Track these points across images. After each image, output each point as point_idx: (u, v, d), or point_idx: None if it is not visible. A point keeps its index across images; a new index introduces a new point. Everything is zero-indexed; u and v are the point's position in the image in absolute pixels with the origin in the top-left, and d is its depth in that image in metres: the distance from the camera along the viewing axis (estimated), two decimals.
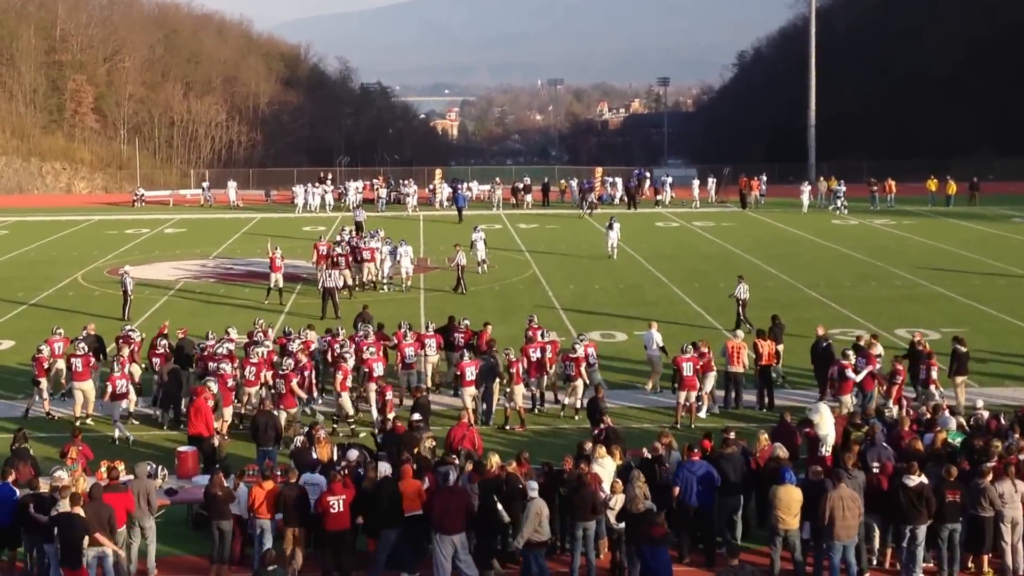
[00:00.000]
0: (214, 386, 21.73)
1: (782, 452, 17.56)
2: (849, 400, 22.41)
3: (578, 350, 24.22)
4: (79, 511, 15.25)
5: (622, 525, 16.10)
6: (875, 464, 17.13)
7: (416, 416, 20.06)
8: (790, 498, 16.05)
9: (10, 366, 28.40)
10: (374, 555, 16.41)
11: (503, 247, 47.24)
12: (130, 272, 34.61)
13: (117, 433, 22.33)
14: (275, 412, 21.10)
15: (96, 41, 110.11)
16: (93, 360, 24.35)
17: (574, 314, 33.54)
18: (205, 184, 71.62)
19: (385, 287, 37.74)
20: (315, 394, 24.11)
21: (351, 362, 23.62)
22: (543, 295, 36.95)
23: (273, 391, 22.56)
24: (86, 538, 15.17)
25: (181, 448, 19.99)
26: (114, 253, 46.96)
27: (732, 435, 18.06)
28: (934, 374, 23.01)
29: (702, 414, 23.55)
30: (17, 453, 18.16)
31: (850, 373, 22.57)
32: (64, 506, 15.35)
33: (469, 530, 16.00)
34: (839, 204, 60.06)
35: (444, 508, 15.86)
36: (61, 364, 24.84)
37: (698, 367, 23.34)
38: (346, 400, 22.88)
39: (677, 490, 16.82)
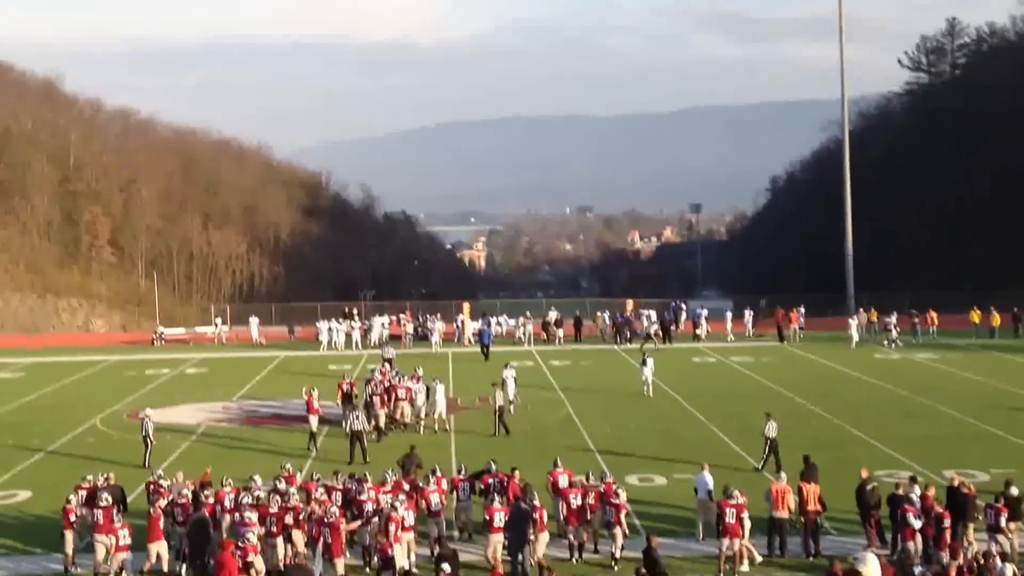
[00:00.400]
0: (253, 536, 22.07)
1: None
2: (912, 547, 22.45)
3: (621, 496, 24.44)
4: None
5: None
6: None
7: (446, 567, 20.28)
8: None
9: (28, 519, 28.58)
10: None
11: (535, 384, 47.63)
12: (151, 416, 35.10)
13: None
14: (309, 566, 21.32)
15: (111, 170, 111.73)
16: (115, 512, 24.69)
17: (610, 456, 33.74)
18: (217, 320, 72.73)
19: (421, 428, 38.07)
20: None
21: (400, 511, 23.63)
22: (577, 436, 37.19)
23: (320, 542, 22.78)
24: None
25: None
26: (134, 396, 47.59)
27: None
28: (1003, 520, 23.03)
29: (744, 567, 23.55)
30: None
31: (912, 519, 22.70)
32: None
33: None
34: (891, 338, 60.29)
35: None
36: (86, 513, 25.18)
37: (741, 514, 23.48)
38: (399, 553, 22.77)
39: None
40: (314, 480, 26.08)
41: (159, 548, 23.50)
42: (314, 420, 35.76)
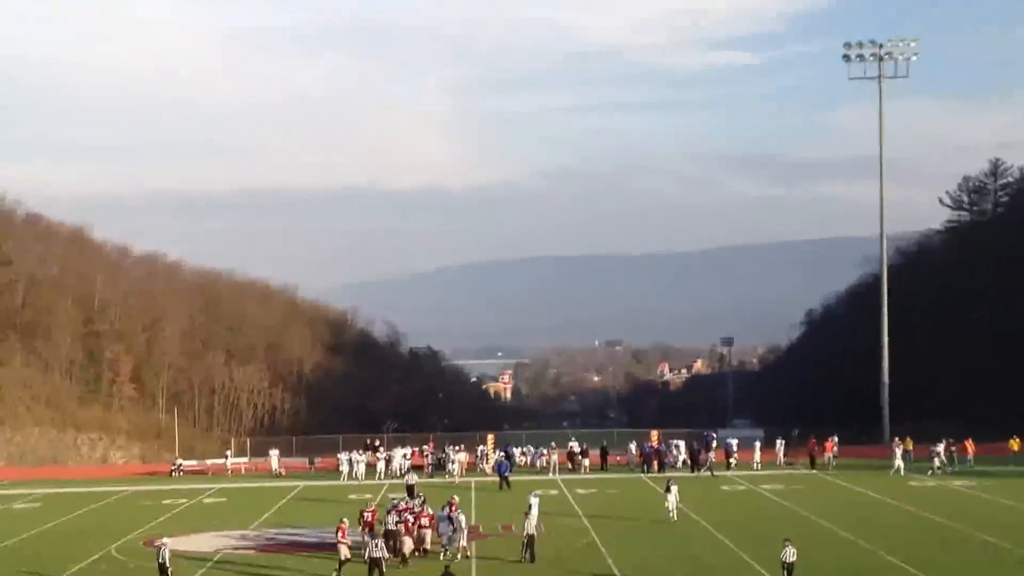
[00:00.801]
0: None
1: None
2: None
3: None
4: None
5: None
6: None
7: None
8: None
9: None
10: None
11: (560, 512, 47.32)
12: (168, 543, 35.15)
13: None
14: None
15: (135, 311, 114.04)
16: None
17: None
18: (228, 453, 73.01)
19: (444, 554, 37.85)
20: None
21: None
22: (602, 563, 36.80)
23: None
24: None
25: None
26: (150, 524, 47.53)
27: None
28: None
29: None
30: None
31: None
32: None
33: None
34: (935, 465, 59.74)
35: None
36: None
37: None
38: None
39: None
40: None
41: None
42: (344, 549, 35.68)
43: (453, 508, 39.93)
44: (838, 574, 31.96)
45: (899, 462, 59.99)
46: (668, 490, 45.56)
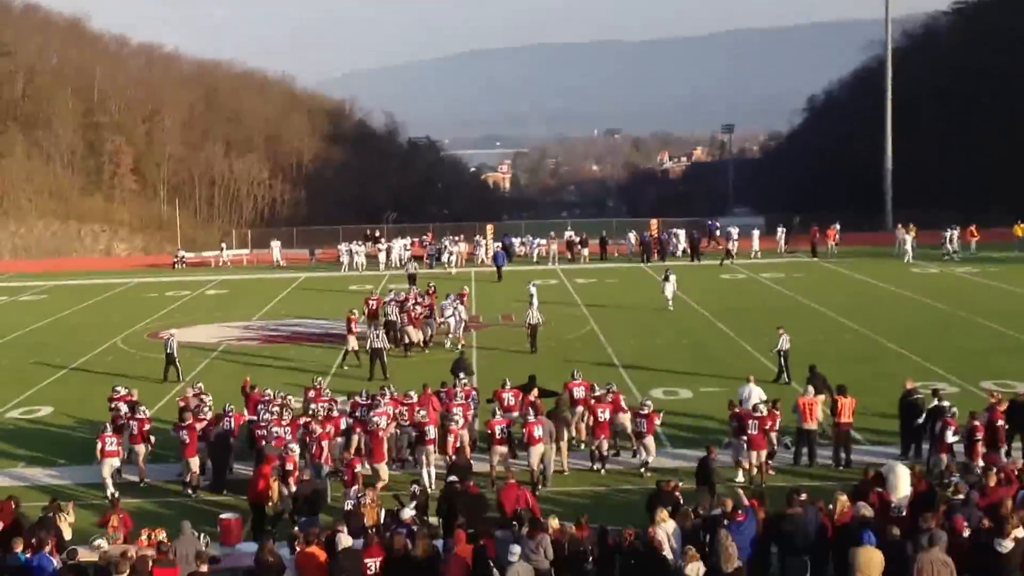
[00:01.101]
0: (296, 448, 22.08)
1: (867, 511, 17.44)
2: (944, 460, 22.15)
3: (648, 407, 24.26)
4: None
5: None
6: (966, 525, 16.95)
7: (451, 478, 20.41)
8: (870, 560, 15.89)
9: (51, 432, 28.86)
10: None
11: (560, 302, 47.36)
12: (176, 335, 35.38)
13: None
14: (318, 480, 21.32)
15: (134, 102, 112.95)
16: (148, 425, 24.73)
17: (635, 371, 33.48)
18: (223, 245, 72.95)
19: (447, 343, 37.92)
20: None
21: (459, 420, 23.92)
22: (601, 352, 36.92)
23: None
24: None
25: (224, 515, 20.15)
26: (154, 316, 47.67)
27: (803, 496, 17.96)
28: None
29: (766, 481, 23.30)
30: (43, 522, 18.49)
31: (950, 435, 22.40)
32: None
33: None
34: (949, 251, 59.60)
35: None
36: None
37: (765, 426, 23.22)
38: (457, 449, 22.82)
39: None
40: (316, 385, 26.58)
41: (195, 463, 23.65)
42: (352, 340, 35.72)
43: (463, 299, 39.93)
44: (837, 361, 31.93)
45: (909, 248, 59.57)
46: (666, 279, 45.44)
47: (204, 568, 16.22)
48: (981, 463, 21.35)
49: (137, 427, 24.33)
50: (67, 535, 19.01)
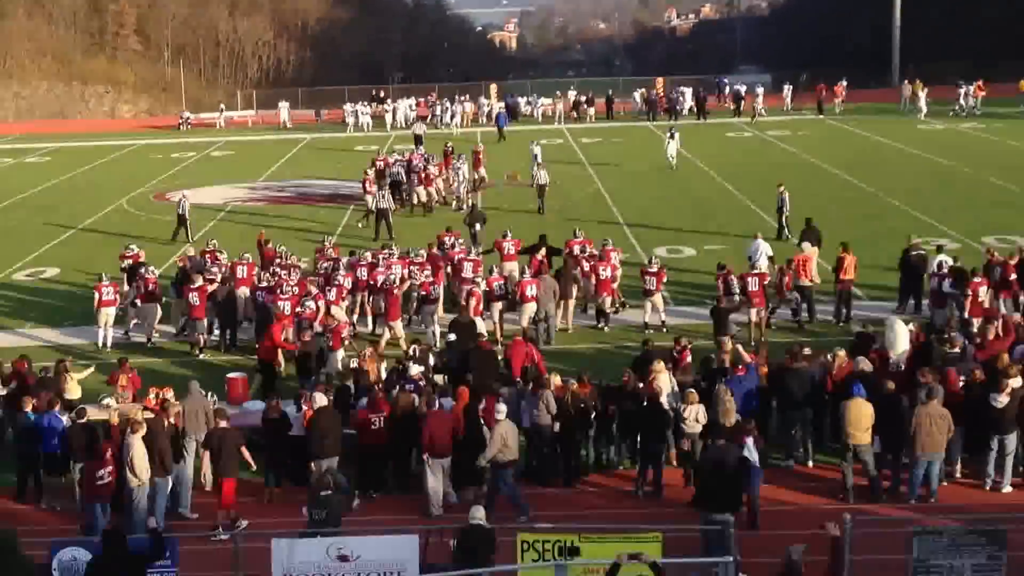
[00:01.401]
0: (312, 304, 22.36)
1: (865, 365, 17.61)
2: (947, 313, 22.23)
3: (655, 264, 24.30)
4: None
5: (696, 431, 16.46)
6: (962, 379, 17.08)
7: (451, 336, 20.74)
8: (860, 412, 16.08)
9: (59, 292, 29.03)
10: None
11: (565, 161, 47.03)
12: (188, 196, 35.51)
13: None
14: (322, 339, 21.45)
15: None
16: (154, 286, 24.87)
17: (639, 229, 33.41)
18: (222, 106, 72.26)
19: (454, 203, 37.81)
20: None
21: (481, 283, 24.03)
22: (607, 210, 36.79)
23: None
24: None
25: (230, 374, 20.32)
26: (160, 177, 47.49)
27: (807, 351, 18.12)
28: None
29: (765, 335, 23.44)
30: (44, 381, 18.70)
31: (947, 287, 22.44)
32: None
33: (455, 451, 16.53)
34: (967, 105, 58.85)
35: (436, 431, 16.34)
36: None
37: (765, 282, 23.25)
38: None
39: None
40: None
41: (202, 324, 23.93)
42: (370, 199, 35.58)
43: (479, 157, 39.81)
44: (839, 220, 31.84)
45: (923, 105, 58.62)
46: (672, 137, 45.03)
47: (224, 423, 16.38)
48: (980, 319, 21.45)
49: (144, 286, 24.43)
50: (76, 394, 19.26)
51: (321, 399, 16.93)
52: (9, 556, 11.98)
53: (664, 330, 23.54)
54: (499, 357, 20.01)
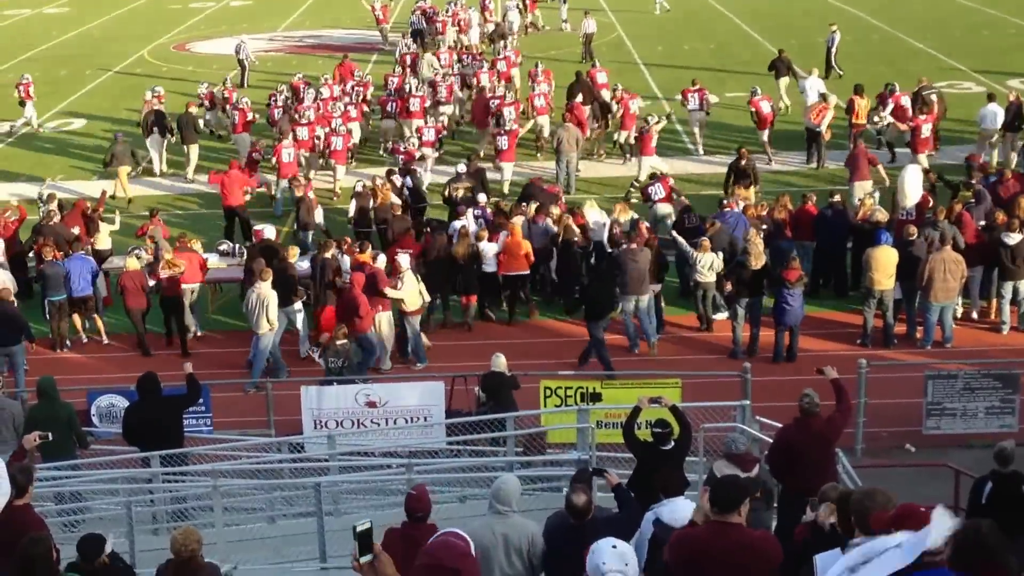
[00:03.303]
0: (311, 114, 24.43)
1: (881, 215, 17.71)
2: (924, 158, 22.06)
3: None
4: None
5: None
6: (982, 222, 17.11)
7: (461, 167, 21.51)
8: (886, 259, 16.12)
9: (84, 143, 29.06)
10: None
11: (584, 6, 46.10)
12: (247, 41, 35.66)
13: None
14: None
15: None
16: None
17: (661, 70, 33.04)
18: None
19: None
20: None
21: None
22: (627, 54, 36.30)
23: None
24: None
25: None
26: (179, 28, 46.90)
27: (836, 198, 18.35)
28: None
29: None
30: (40, 229, 18.95)
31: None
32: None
33: None
34: None
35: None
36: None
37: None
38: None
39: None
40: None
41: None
42: (384, 27, 37.29)
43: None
44: (868, 61, 31.37)
45: None
46: None
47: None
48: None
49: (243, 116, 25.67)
50: (106, 245, 19.43)
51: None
52: (50, 402, 12.33)
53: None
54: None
